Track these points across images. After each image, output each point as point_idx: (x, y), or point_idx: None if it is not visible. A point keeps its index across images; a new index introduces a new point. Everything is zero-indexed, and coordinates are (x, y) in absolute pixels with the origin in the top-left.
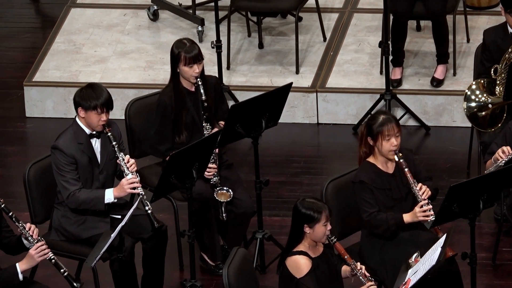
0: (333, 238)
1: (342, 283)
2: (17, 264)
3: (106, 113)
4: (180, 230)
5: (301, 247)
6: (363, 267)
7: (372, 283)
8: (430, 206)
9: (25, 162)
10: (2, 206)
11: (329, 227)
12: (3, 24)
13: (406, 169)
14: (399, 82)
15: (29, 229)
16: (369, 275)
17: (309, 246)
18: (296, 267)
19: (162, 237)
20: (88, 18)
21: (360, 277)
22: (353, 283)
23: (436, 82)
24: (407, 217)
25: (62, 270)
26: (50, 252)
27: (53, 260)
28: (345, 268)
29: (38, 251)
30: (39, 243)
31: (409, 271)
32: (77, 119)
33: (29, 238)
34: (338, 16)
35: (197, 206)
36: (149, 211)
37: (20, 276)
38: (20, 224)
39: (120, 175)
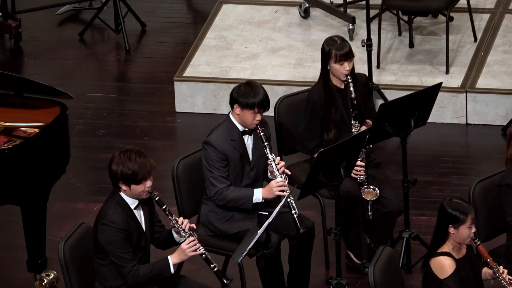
0: (477, 240)
1: (483, 285)
2: (168, 257)
3: (261, 113)
4: (327, 228)
5: (445, 248)
6: (506, 271)
7: None
8: None
9: (174, 157)
10: (156, 199)
11: (473, 229)
12: (155, 19)
13: None
14: None
15: (182, 223)
16: (511, 278)
17: (453, 247)
18: (440, 268)
19: (309, 234)
20: (240, 14)
21: (502, 281)
22: (493, 284)
23: None
24: None
25: (212, 266)
26: (202, 248)
27: (204, 256)
28: (485, 270)
29: (190, 246)
30: (191, 238)
31: None
32: (230, 115)
33: (182, 232)
34: (489, 17)
35: (344, 204)
36: (295, 215)
37: (172, 269)
38: (173, 218)
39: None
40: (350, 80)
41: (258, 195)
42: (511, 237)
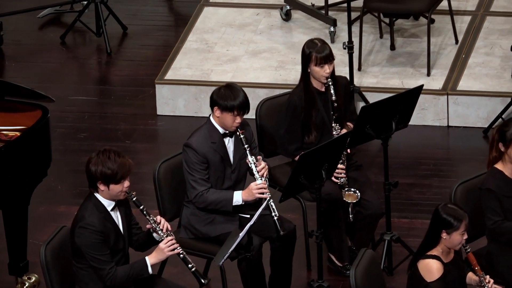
0: (467, 247)
1: None
2: (146, 258)
3: (241, 115)
4: (308, 230)
5: (434, 252)
6: (492, 280)
7: None
8: None
9: (156, 160)
10: (134, 199)
11: (465, 236)
12: (137, 22)
13: None
14: None
15: (160, 223)
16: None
17: (442, 251)
18: (428, 271)
19: (291, 237)
20: (221, 17)
21: None
22: None
23: None
24: None
25: (190, 266)
26: (180, 247)
27: (181, 255)
28: (470, 276)
29: (168, 245)
30: (169, 237)
31: None
32: (211, 117)
33: (159, 232)
34: (470, 19)
35: (326, 207)
36: (276, 217)
37: (150, 269)
38: (151, 218)
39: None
40: (330, 83)
41: (238, 197)
42: (492, 240)
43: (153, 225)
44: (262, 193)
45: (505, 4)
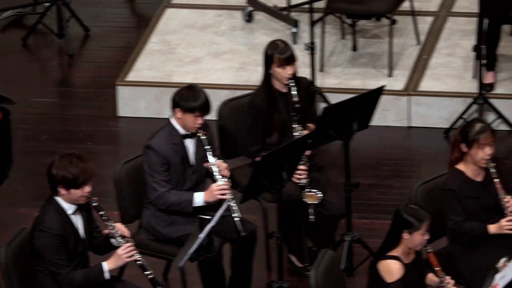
0: (428, 248)
1: None
2: (103, 263)
3: (202, 116)
4: (269, 232)
5: (394, 252)
6: (452, 281)
7: None
8: None
9: (117, 161)
10: (94, 204)
11: (427, 236)
12: (99, 24)
13: (497, 180)
14: (492, 86)
15: (119, 229)
16: None
17: (403, 251)
18: (388, 272)
19: (251, 238)
20: (183, 18)
21: None
22: None
23: None
24: (492, 229)
25: (147, 273)
26: (137, 254)
27: (139, 262)
28: (430, 276)
29: (126, 251)
30: (128, 244)
31: (497, 275)
32: (172, 119)
33: (118, 238)
34: (432, 20)
35: (287, 208)
36: (236, 219)
37: (106, 275)
38: (110, 224)
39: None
40: (292, 84)
41: (199, 198)
42: (452, 241)
43: (112, 231)
44: (224, 194)
45: (467, 5)
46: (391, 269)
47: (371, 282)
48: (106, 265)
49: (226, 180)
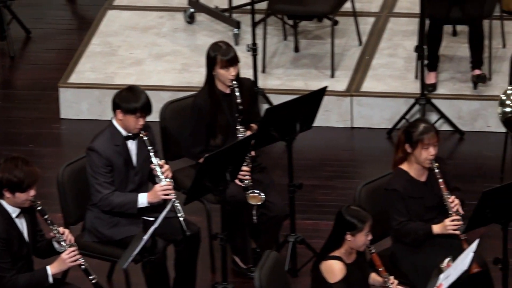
0: (372, 248)
1: None
2: (47, 267)
3: (144, 117)
4: (213, 233)
5: (336, 252)
6: (396, 281)
7: None
8: (461, 222)
9: (59, 164)
10: (39, 208)
11: (370, 237)
12: (41, 26)
13: (441, 180)
14: (434, 86)
15: (63, 233)
16: None
17: (345, 252)
18: (330, 272)
19: (195, 239)
20: (125, 20)
21: None
22: None
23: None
24: (436, 229)
25: (91, 277)
26: (81, 259)
27: (83, 267)
28: (373, 276)
29: (70, 256)
30: (72, 248)
31: (441, 275)
32: (113, 120)
33: (62, 242)
34: (374, 20)
35: (230, 209)
36: (181, 218)
37: (50, 279)
38: (54, 228)
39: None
40: (235, 85)
41: (143, 199)
42: (396, 241)
43: (56, 235)
44: (167, 194)
45: (409, 6)
46: (333, 269)
47: (315, 283)
48: (50, 269)
49: (169, 180)
